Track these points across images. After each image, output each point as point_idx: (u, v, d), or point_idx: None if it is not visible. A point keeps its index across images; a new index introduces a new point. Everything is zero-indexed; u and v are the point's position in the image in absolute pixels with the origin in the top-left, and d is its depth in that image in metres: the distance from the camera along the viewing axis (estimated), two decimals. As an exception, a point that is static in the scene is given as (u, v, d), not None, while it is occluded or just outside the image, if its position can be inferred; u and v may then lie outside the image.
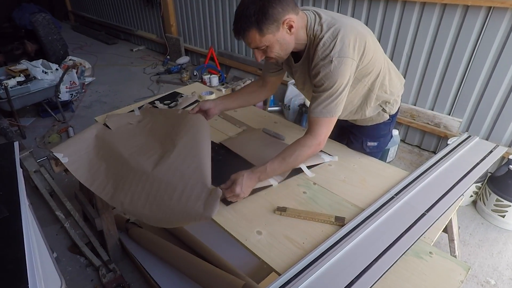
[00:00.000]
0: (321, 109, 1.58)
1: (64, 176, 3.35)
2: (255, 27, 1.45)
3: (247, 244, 1.40)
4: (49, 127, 4.53)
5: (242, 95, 2.09)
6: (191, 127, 1.92)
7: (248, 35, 1.49)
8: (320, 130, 1.61)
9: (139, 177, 1.77)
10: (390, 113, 1.98)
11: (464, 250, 2.67)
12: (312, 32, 1.58)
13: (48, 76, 4.40)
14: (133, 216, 1.67)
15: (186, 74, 5.99)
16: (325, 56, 1.52)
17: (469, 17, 3.11)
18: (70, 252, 2.65)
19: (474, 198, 3.13)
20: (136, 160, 1.88)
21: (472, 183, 1.72)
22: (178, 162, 1.75)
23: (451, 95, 3.49)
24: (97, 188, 1.87)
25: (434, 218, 1.45)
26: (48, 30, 5.52)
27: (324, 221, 1.49)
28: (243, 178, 1.56)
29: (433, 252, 1.37)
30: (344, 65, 1.52)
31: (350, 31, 1.54)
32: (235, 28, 1.51)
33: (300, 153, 1.62)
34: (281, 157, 1.62)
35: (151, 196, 1.66)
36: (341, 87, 1.55)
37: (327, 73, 1.53)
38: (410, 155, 3.83)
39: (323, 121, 1.60)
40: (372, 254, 1.29)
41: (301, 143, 1.63)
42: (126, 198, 1.73)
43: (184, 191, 1.59)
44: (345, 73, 1.53)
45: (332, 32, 1.53)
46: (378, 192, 1.67)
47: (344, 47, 1.51)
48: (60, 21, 9.76)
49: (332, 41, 1.52)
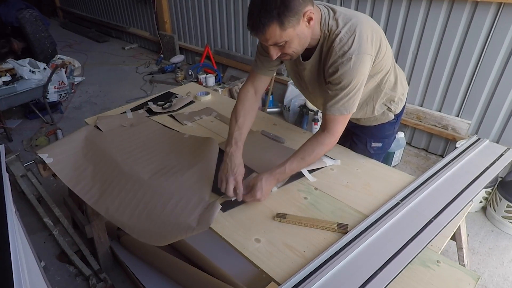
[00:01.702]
0: (339, 106, 1.60)
1: (52, 181, 3.35)
2: (276, 21, 1.40)
3: (245, 253, 1.40)
4: (37, 129, 4.52)
5: (246, 119, 1.86)
6: (203, 150, 1.96)
7: (268, 31, 1.43)
8: (336, 127, 1.65)
9: (132, 184, 1.77)
10: (395, 112, 1.99)
11: (473, 259, 2.67)
12: (326, 27, 1.57)
13: (35, 75, 4.39)
14: (117, 224, 1.65)
15: (180, 74, 6.00)
16: (343, 53, 1.52)
17: (479, 13, 3.12)
18: (58, 261, 2.64)
19: (483, 204, 3.13)
20: (130, 166, 1.88)
21: (482, 188, 1.72)
22: (178, 174, 1.76)
23: (460, 95, 3.49)
24: (81, 190, 1.84)
25: (442, 225, 1.45)
26: (35, 28, 5.53)
27: (326, 228, 1.49)
28: (261, 183, 1.61)
29: (441, 260, 1.37)
30: (363, 62, 1.53)
31: (366, 26, 1.55)
32: (252, 23, 1.44)
33: (318, 152, 1.67)
34: (300, 157, 1.66)
35: (142, 204, 1.65)
36: (359, 84, 1.57)
37: (346, 71, 1.53)
38: (416, 159, 3.84)
39: (340, 118, 1.63)
40: (377, 263, 1.29)
41: (319, 141, 1.66)
42: (113, 204, 1.71)
43: (178, 202, 1.59)
44: (363, 70, 1.55)
45: (349, 27, 1.53)
46: (382, 198, 1.67)
47: (363, 43, 1.52)
48: (48, 18, 9.75)
49: (350, 37, 1.52)
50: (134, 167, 1.87)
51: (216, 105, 2.67)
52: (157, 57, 7.01)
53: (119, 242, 2.58)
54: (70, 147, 2.07)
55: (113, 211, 1.68)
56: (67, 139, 2.14)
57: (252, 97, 1.90)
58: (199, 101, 2.73)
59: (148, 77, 6.25)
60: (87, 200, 1.79)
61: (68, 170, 1.95)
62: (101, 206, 1.73)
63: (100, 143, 2.10)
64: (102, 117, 2.37)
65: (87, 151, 2.07)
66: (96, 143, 2.10)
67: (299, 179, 1.81)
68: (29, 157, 3.85)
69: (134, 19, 7.77)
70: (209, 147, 1.98)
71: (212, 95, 2.83)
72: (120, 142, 2.11)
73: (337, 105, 1.60)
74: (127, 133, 2.22)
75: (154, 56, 7.25)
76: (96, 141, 2.12)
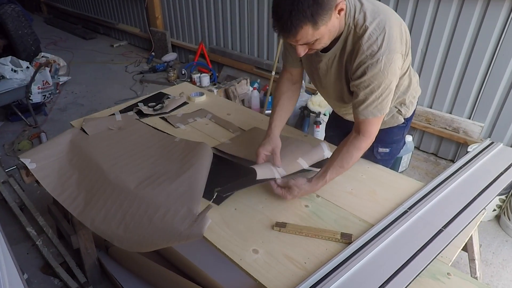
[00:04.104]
0: (371, 109, 1.61)
1: (36, 188, 3.34)
2: (310, 21, 1.36)
3: (242, 264, 1.40)
4: (19, 132, 4.52)
5: (284, 106, 1.98)
6: (194, 156, 1.95)
7: (301, 32, 1.39)
8: (372, 129, 1.67)
9: (118, 193, 1.77)
10: (405, 115, 1.99)
11: (486, 271, 2.68)
12: (352, 19, 1.55)
13: (18, 75, 4.40)
14: (104, 236, 1.66)
15: (173, 73, 6.00)
16: (372, 53, 1.51)
17: (492, 8, 3.13)
18: (42, 273, 2.63)
19: (497, 213, 3.13)
20: (116, 174, 1.88)
21: (495, 196, 1.73)
22: (166, 183, 1.75)
23: (472, 96, 3.50)
24: (66, 199, 1.85)
25: (453, 235, 1.46)
26: (18, 24, 5.53)
27: (328, 238, 1.50)
28: (301, 189, 1.68)
29: (451, 273, 1.37)
30: (394, 62, 1.52)
31: (395, 22, 1.54)
32: (282, 26, 1.39)
33: (356, 157, 1.70)
34: (339, 165, 1.69)
35: (129, 215, 1.66)
36: (391, 85, 1.58)
37: (376, 73, 1.52)
38: (425, 164, 3.85)
39: (373, 120, 1.64)
40: (383, 275, 1.29)
41: (356, 145, 1.68)
42: (98, 215, 1.72)
43: (166, 214, 1.59)
44: (395, 70, 1.55)
45: (378, 24, 1.51)
46: (389, 206, 1.68)
47: (392, 41, 1.51)
48: (32, 13, 9.77)
49: (379, 34, 1.50)
50: (120, 175, 1.88)
51: (211, 106, 2.67)
52: (148, 55, 7.01)
53: (107, 253, 2.57)
54: (54, 152, 2.07)
55: (99, 222, 1.69)
56: (51, 143, 2.14)
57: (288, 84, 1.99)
58: (192, 102, 2.73)
59: (138, 76, 6.25)
60: (72, 210, 1.80)
61: (52, 177, 1.95)
62: (86, 217, 1.74)
63: (86, 148, 2.10)
64: (89, 119, 2.37)
65: (72, 156, 2.07)
66: (81, 148, 2.10)
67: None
68: (11, 162, 3.85)
69: (123, 14, 7.78)
70: (201, 152, 1.98)
71: (206, 95, 2.83)
72: (107, 147, 2.11)
73: (369, 108, 1.60)
74: (114, 137, 2.22)
75: (145, 54, 7.26)
76: (82, 146, 2.12)
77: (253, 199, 1.73)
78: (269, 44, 5.14)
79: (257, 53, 5.37)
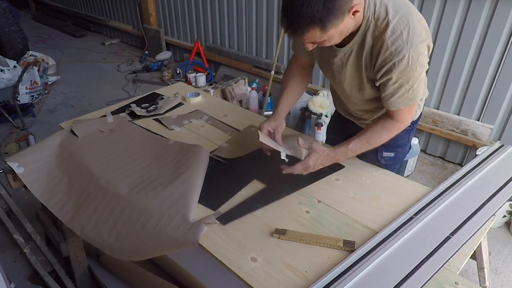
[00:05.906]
0: (403, 100, 1.64)
1: (23, 193, 3.34)
2: (318, 25, 1.38)
3: (240, 273, 1.40)
4: (6, 134, 4.51)
5: (293, 90, 2.05)
6: (189, 159, 1.95)
7: (307, 34, 1.43)
8: (405, 116, 1.72)
9: (109, 199, 1.77)
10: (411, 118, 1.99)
11: (496, 280, 2.68)
12: (372, 13, 1.54)
13: (4, 74, 4.39)
14: (95, 244, 1.66)
15: (167, 73, 6.01)
16: (397, 49, 1.51)
17: (501, 6, 3.14)
18: (30, 283, 2.63)
19: (507, 219, 3.14)
20: (107, 179, 1.88)
21: (506, 201, 1.73)
22: (159, 188, 1.76)
23: (481, 97, 3.51)
24: (55, 205, 1.85)
25: (461, 243, 1.46)
26: (4, 20, 5.52)
27: (330, 246, 1.49)
28: (320, 156, 1.71)
29: (460, 282, 1.37)
30: (422, 54, 1.54)
31: (417, 15, 1.56)
32: (289, 25, 1.43)
33: (385, 138, 1.75)
34: (366, 140, 1.74)
35: (121, 222, 1.66)
36: (421, 75, 1.61)
37: (404, 69, 1.54)
38: (432, 168, 3.85)
39: (406, 108, 1.69)
40: (387, 285, 1.29)
41: (387, 128, 1.74)
42: (89, 221, 1.72)
43: (159, 222, 1.59)
44: (423, 61, 1.56)
45: (401, 17, 1.51)
46: (394, 212, 1.67)
47: (417, 34, 1.51)
48: (19, 10, 9.74)
49: (403, 28, 1.50)
50: (112, 179, 1.88)
51: (207, 107, 2.66)
52: (141, 54, 7.02)
53: (98, 262, 2.57)
54: (43, 155, 2.07)
55: (89, 229, 1.70)
56: (40, 145, 2.14)
57: (298, 69, 2.04)
58: (188, 103, 2.73)
59: (131, 76, 6.25)
60: (61, 217, 1.80)
61: (40, 182, 1.95)
62: (76, 225, 1.74)
63: (76, 151, 2.10)
64: (79, 121, 2.37)
65: (61, 160, 2.07)
66: (71, 151, 2.10)
67: (300, 191, 1.81)
68: (-3, 166, 3.85)
69: (115, 11, 7.78)
70: (196, 155, 1.98)
71: (202, 96, 2.83)
72: (98, 150, 2.11)
73: (400, 99, 1.64)
74: (106, 139, 2.22)
75: (138, 53, 7.26)
76: (72, 149, 2.12)
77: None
78: (268, 42, 5.14)
79: (255, 52, 5.37)
